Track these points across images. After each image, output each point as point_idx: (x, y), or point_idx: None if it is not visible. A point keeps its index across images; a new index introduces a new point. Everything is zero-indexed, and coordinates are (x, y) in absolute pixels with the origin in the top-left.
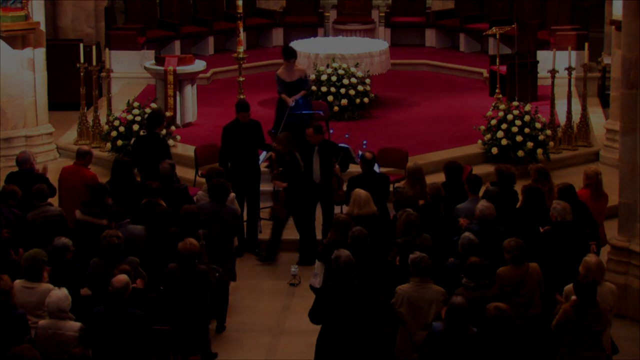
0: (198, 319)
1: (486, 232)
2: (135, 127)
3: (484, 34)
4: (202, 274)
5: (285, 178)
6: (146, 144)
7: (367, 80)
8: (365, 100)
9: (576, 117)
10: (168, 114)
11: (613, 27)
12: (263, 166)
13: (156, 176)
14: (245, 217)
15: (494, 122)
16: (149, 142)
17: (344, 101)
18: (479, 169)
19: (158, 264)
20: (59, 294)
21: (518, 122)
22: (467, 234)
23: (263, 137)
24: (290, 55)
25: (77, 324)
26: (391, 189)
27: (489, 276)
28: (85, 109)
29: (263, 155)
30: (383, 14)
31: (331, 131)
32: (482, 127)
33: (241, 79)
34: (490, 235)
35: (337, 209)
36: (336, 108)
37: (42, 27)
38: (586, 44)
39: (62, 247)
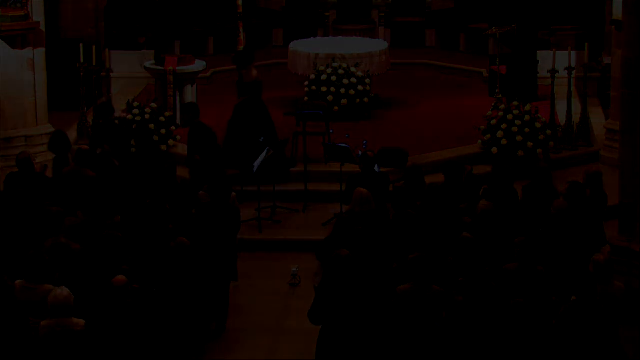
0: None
1: (486, 231)
2: (135, 127)
3: (484, 34)
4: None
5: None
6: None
7: (367, 80)
8: (365, 100)
9: (576, 117)
10: (168, 114)
11: (613, 27)
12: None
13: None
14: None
15: (494, 122)
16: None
17: (344, 101)
18: (479, 169)
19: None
20: (64, 292)
21: (518, 122)
22: (464, 233)
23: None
24: (243, 64)
25: (82, 320)
26: (390, 188)
27: (488, 275)
28: (85, 109)
29: (264, 153)
30: (383, 14)
31: (331, 131)
32: (482, 127)
33: None
34: (490, 235)
35: None
36: (336, 108)
37: (42, 27)
38: (586, 44)
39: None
